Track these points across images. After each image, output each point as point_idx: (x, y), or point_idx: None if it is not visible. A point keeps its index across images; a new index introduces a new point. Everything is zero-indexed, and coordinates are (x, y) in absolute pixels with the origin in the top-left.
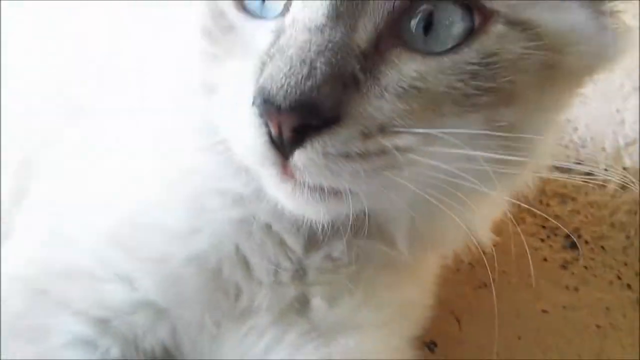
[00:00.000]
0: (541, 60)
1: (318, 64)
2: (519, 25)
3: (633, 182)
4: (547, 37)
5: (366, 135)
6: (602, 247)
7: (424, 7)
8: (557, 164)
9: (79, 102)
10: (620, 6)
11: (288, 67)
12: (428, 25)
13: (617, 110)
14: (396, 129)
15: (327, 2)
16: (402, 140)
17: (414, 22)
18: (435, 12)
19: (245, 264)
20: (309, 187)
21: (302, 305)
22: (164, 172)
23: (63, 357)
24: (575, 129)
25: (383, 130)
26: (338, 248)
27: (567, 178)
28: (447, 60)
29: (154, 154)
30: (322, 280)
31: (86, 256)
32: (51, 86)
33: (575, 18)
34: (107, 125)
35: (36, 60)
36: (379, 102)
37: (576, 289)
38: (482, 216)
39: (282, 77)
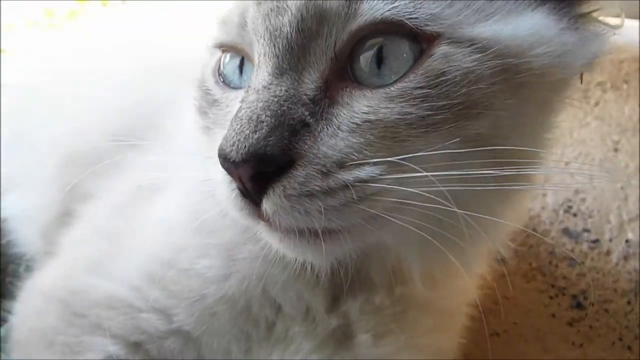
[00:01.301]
0: (497, 68)
1: (264, 117)
2: (465, 42)
3: (634, 254)
4: (498, 45)
5: (325, 173)
6: (606, 310)
7: (370, 41)
8: (567, 228)
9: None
10: (590, 7)
11: (239, 126)
12: (379, 60)
13: (622, 188)
14: (355, 162)
15: (271, 62)
16: (363, 172)
17: (364, 59)
18: (384, 47)
19: (274, 303)
20: (290, 231)
21: (345, 337)
22: (198, 226)
23: None
24: (583, 200)
25: (342, 165)
26: (377, 294)
27: (575, 242)
28: (394, 89)
29: (187, 207)
30: (366, 318)
31: (125, 289)
32: (108, 121)
33: (530, 23)
34: (153, 174)
35: (95, 92)
36: (333, 141)
37: (581, 346)
38: (493, 230)
39: (233, 136)
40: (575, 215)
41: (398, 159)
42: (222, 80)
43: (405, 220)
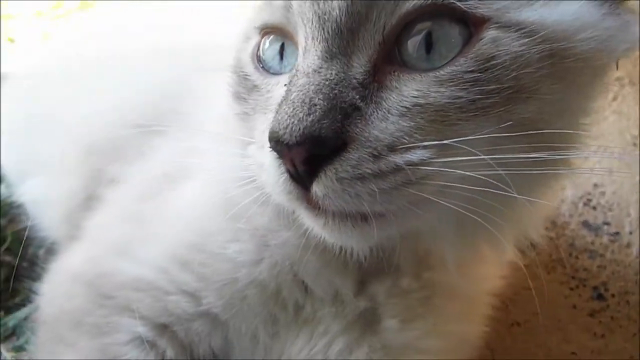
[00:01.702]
0: (544, 53)
1: (317, 101)
2: (513, 26)
3: None
4: (544, 30)
5: (377, 156)
6: (627, 302)
7: (419, 26)
8: (587, 221)
9: (156, 128)
10: None
11: (291, 109)
12: (428, 45)
13: None
14: (406, 146)
15: (321, 46)
16: (414, 155)
17: (412, 44)
18: (433, 32)
19: (304, 287)
20: (336, 215)
21: (372, 321)
22: (229, 211)
23: (123, 352)
24: (603, 194)
25: (393, 148)
26: (404, 278)
27: (595, 235)
28: (444, 73)
29: (217, 193)
30: (393, 302)
31: (153, 271)
32: (129, 107)
33: (575, 7)
34: (180, 159)
35: (124, 80)
36: (384, 124)
37: (603, 336)
38: (529, 215)
39: (286, 119)
40: (594, 208)
41: (449, 142)
42: (261, 65)
43: (450, 203)
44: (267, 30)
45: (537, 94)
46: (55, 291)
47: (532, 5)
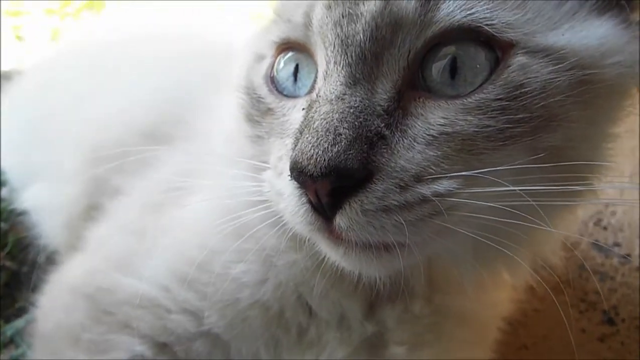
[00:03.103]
0: (573, 80)
1: (342, 130)
2: (540, 52)
3: None
4: (573, 56)
5: (403, 187)
6: (638, 327)
7: (444, 50)
8: (598, 242)
9: (160, 140)
10: None
11: (315, 139)
12: (453, 70)
13: None
14: (433, 176)
15: (344, 72)
16: (441, 186)
17: (436, 69)
18: (458, 57)
19: (308, 309)
20: (358, 245)
21: (379, 346)
22: (236, 230)
23: None
24: (614, 213)
25: (419, 179)
26: (416, 303)
27: (606, 256)
28: (472, 101)
29: (224, 212)
30: (402, 327)
31: (154, 288)
32: (134, 115)
33: (600, 32)
34: (187, 176)
35: (126, 91)
36: (410, 153)
37: None
38: (549, 240)
39: (310, 149)
40: (605, 228)
41: (476, 173)
42: (275, 87)
43: (474, 233)
44: (284, 46)
45: (565, 122)
46: (54, 304)
47: (559, 29)
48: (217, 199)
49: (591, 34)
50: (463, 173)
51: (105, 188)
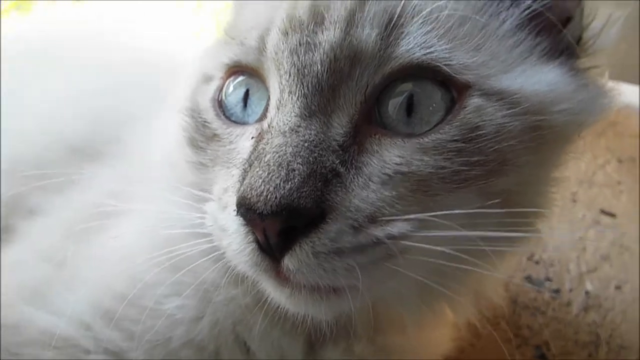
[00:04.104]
0: (525, 125)
1: (295, 165)
2: (494, 94)
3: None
4: (526, 101)
5: (356, 228)
6: None
7: (401, 87)
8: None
9: (89, 156)
10: (592, 62)
11: (266, 173)
12: (409, 107)
13: (580, 238)
14: (387, 217)
15: (299, 102)
16: (395, 229)
17: (393, 105)
18: (415, 94)
19: (246, 350)
20: (306, 287)
21: None
22: (171, 262)
23: None
24: (544, 249)
25: (374, 220)
26: (358, 343)
27: (537, 291)
28: (428, 141)
29: (157, 241)
30: None
31: (71, 325)
32: (62, 126)
33: (550, 78)
34: (118, 192)
35: (53, 110)
36: (365, 192)
37: None
38: (492, 280)
39: (260, 184)
40: (537, 263)
41: (431, 216)
42: (222, 112)
43: (422, 275)
44: (235, 69)
45: (516, 167)
46: None
47: (512, 73)
48: (152, 227)
49: (542, 80)
50: (418, 215)
51: (22, 208)
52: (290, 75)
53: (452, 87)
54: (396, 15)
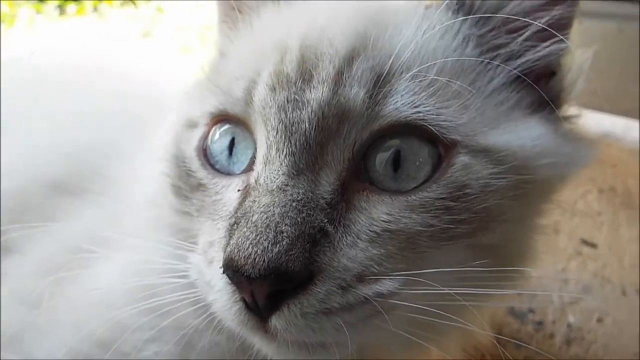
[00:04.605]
0: (511, 182)
1: (283, 227)
2: (481, 152)
3: (575, 339)
4: (512, 158)
5: (345, 288)
6: None
7: (388, 142)
8: (513, 308)
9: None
10: (572, 110)
11: (254, 235)
12: (396, 163)
13: (563, 269)
14: (375, 276)
15: (287, 160)
16: (383, 287)
17: (380, 160)
18: (402, 150)
19: None
20: (294, 343)
21: None
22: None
23: None
24: (526, 280)
25: (362, 278)
26: None
27: (521, 324)
28: (416, 199)
29: (137, 283)
30: None
31: None
32: (43, 161)
33: (535, 133)
34: (96, 233)
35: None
36: (353, 251)
37: None
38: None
39: (248, 246)
40: (520, 294)
41: (418, 274)
42: (207, 160)
43: (409, 330)
44: (221, 117)
45: (503, 221)
46: None
47: (498, 129)
48: (133, 272)
49: (527, 135)
50: (406, 273)
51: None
52: (277, 132)
53: (439, 144)
54: (384, 74)
